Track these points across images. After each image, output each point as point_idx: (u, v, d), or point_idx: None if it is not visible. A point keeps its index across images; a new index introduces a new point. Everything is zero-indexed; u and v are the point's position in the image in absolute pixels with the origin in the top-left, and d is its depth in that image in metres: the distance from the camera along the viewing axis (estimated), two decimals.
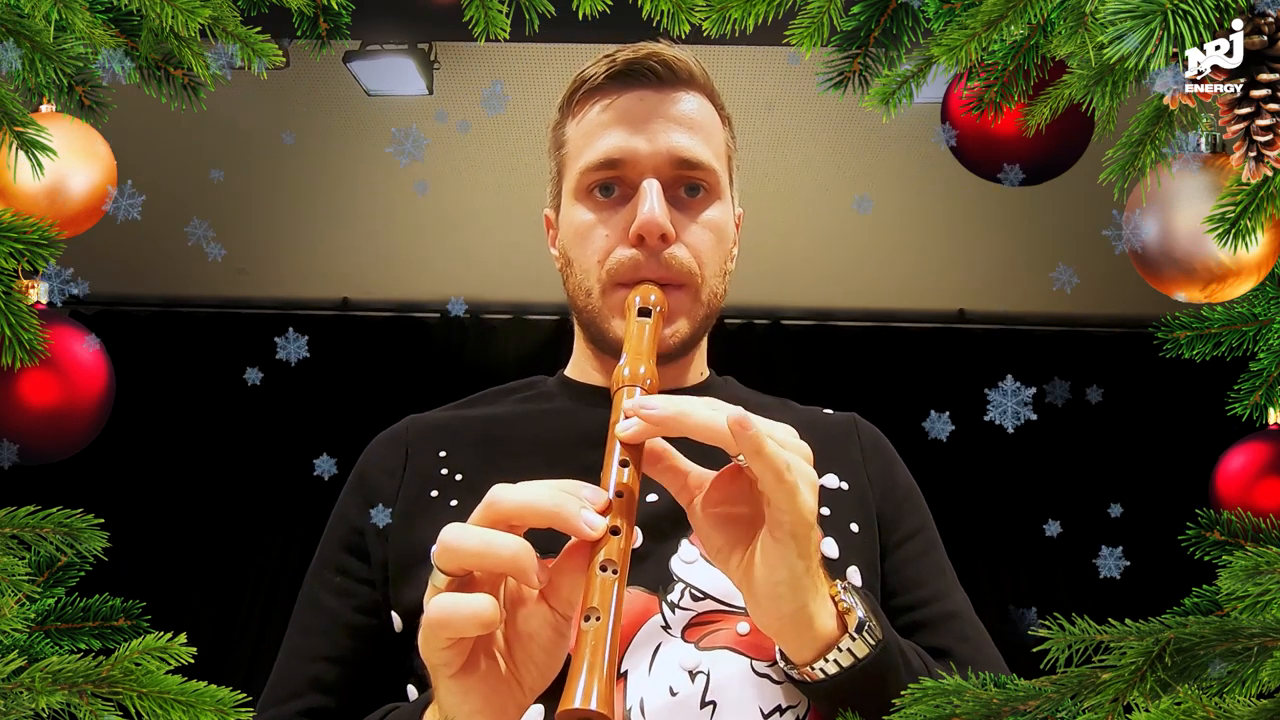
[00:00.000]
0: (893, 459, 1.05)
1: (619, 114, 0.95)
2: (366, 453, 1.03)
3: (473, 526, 0.63)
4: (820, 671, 0.75)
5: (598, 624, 0.60)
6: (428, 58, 3.27)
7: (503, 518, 0.64)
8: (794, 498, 0.66)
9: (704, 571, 0.88)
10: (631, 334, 0.85)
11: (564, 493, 0.64)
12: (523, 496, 0.64)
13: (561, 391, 1.06)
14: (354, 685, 0.93)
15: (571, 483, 0.66)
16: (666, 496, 0.78)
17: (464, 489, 0.94)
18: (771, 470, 0.65)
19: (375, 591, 0.94)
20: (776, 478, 0.65)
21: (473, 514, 0.65)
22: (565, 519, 0.63)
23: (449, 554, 0.63)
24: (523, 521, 0.64)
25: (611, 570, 0.62)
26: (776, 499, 0.66)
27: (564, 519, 0.63)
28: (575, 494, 0.64)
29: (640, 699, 0.82)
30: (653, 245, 0.92)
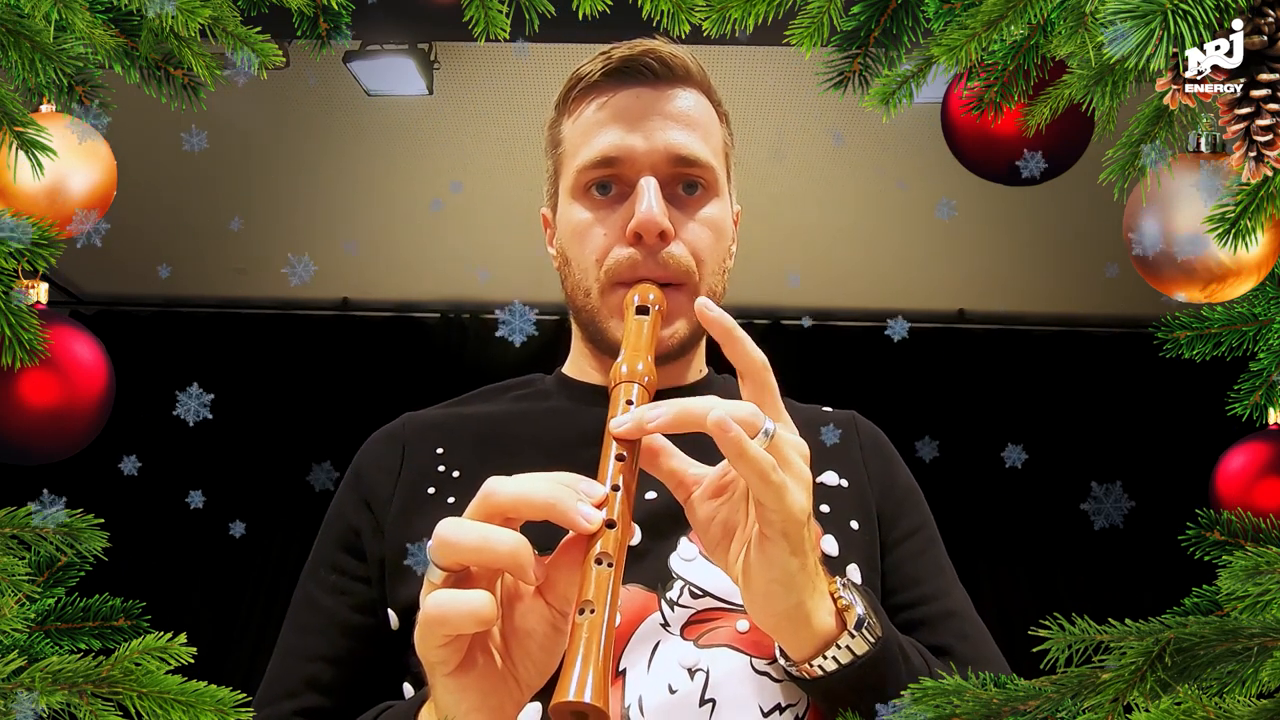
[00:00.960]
0: (892, 457, 1.05)
1: (616, 112, 0.94)
2: (363, 450, 1.02)
3: (469, 521, 0.63)
4: (819, 668, 0.75)
5: (592, 616, 0.60)
6: (428, 58, 3.27)
7: (498, 510, 0.63)
8: (781, 497, 0.65)
9: (703, 569, 0.88)
10: (630, 331, 0.85)
11: (560, 485, 0.64)
12: (518, 489, 0.63)
13: (559, 390, 1.05)
14: (350, 684, 0.92)
15: (568, 475, 0.65)
16: (665, 494, 0.78)
17: (461, 487, 0.94)
18: (755, 472, 0.65)
19: (371, 590, 0.94)
20: (762, 479, 0.65)
21: (469, 507, 0.64)
22: (561, 511, 0.62)
23: (445, 548, 0.62)
24: (518, 514, 0.63)
25: (607, 563, 0.62)
26: (764, 499, 0.66)
27: (560, 511, 0.62)
28: (572, 487, 0.64)
29: (639, 696, 0.82)
30: (651, 243, 0.92)
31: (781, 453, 0.67)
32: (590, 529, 0.62)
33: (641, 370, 0.75)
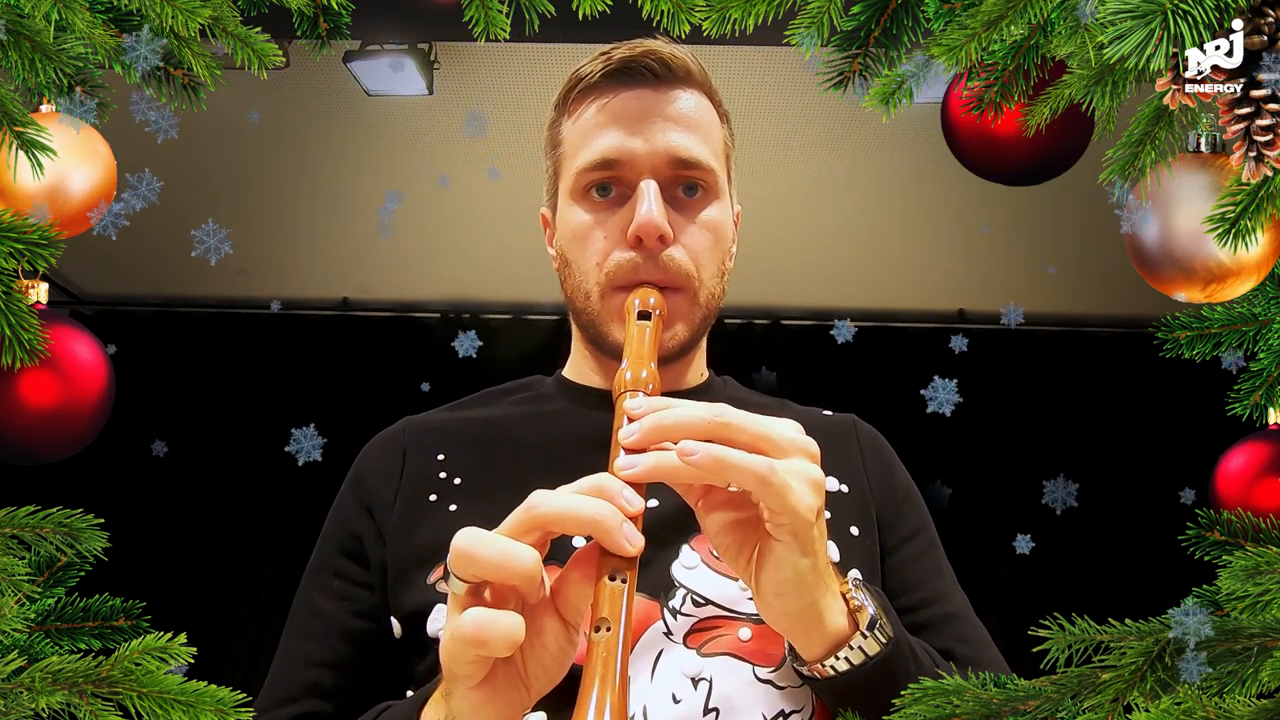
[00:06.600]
0: (891, 460, 1.05)
1: (616, 113, 0.94)
2: (363, 455, 1.02)
3: (492, 535, 0.62)
4: (831, 669, 0.74)
5: (608, 635, 0.60)
6: (428, 58, 3.27)
7: (541, 525, 0.62)
8: (785, 498, 0.65)
9: (705, 577, 0.87)
10: (632, 338, 0.84)
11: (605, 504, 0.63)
12: (565, 506, 0.62)
13: (559, 393, 1.05)
14: (351, 690, 0.92)
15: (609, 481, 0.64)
16: (668, 503, 0.77)
17: (462, 493, 0.94)
18: (752, 477, 0.64)
19: (373, 595, 0.93)
20: (760, 483, 0.64)
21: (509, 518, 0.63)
22: (605, 531, 0.62)
23: (466, 561, 0.61)
24: (561, 530, 0.63)
25: (621, 579, 0.62)
26: (768, 502, 0.65)
27: (604, 531, 0.62)
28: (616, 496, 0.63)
29: (643, 706, 0.82)
30: (651, 246, 0.91)
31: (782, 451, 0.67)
32: (632, 552, 0.62)
33: (645, 377, 0.75)
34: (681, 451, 0.64)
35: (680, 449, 0.64)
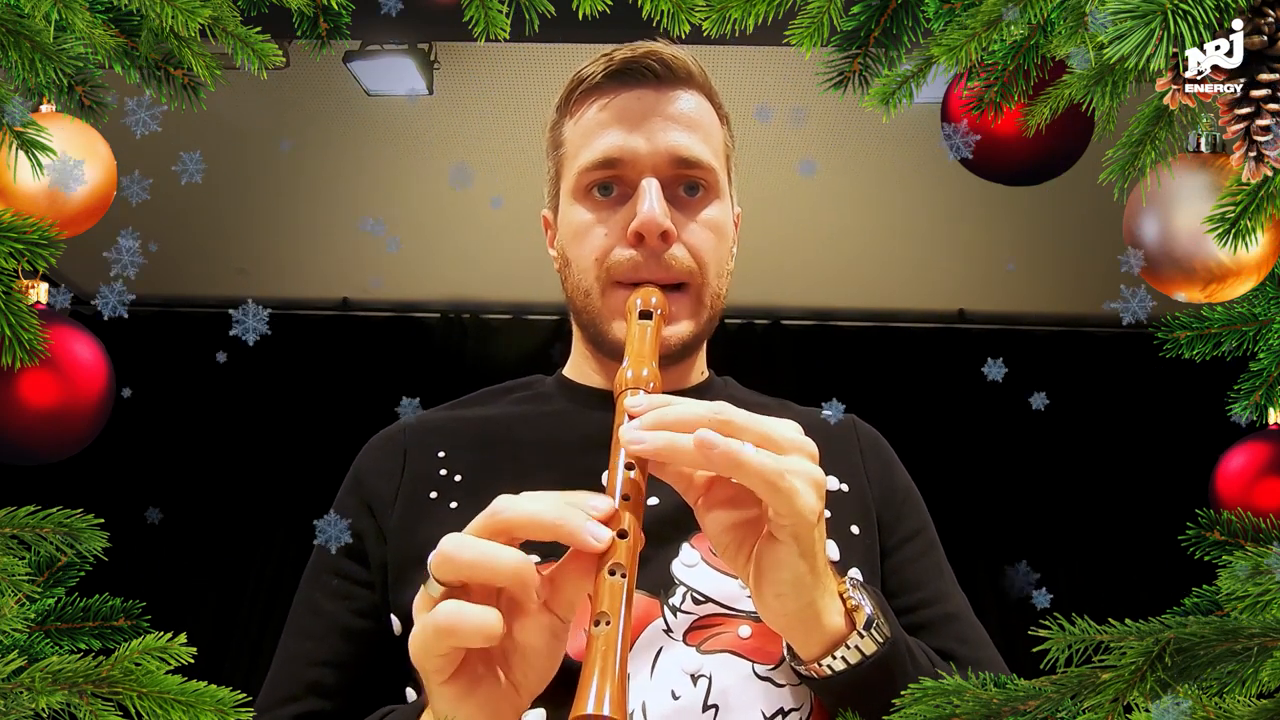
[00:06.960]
0: (891, 460, 1.05)
1: (617, 113, 0.94)
2: (363, 454, 1.02)
3: (472, 538, 0.63)
4: (828, 668, 0.75)
5: (608, 629, 0.60)
6: (428, 58, 3.27)
7: (504, 529, 0.63)
8: (792, 501, 0.65)
9: (705, 575, 0.88)
10: (633, 337, 0.85)
11: (567, 505, 0.64)
12: (526, 509, 0.63)
13: (560, 392, 1.05)
14: (352, 689, 0.92)
15: (578, 494, 0.65)
16: (667, 500, 0.77)
17: (463, 491, 0.94)
18: (761, 480, 0.64)
19: (374, 594, 0.94)
20: (770, 486, 0.65)
21: (472, 523, 0.64)
22: (569, 532, 0.62)
23: (447, 564, 0.62)
24: (525, 534, 0.63)
25: (620, 574, 0.62)
26: (774, 504, 0.66)
27: (568, 532, 0.62)
28: (580, 505, 0.64)
29: (643, 703, 0.82)
30: (652, 244, 0.92)
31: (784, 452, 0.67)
32: (599, 548, 0.62)
33: (646, 376, 0.75)
34: (700, 441, 0.64)
35: (699, 438, 0.64)
